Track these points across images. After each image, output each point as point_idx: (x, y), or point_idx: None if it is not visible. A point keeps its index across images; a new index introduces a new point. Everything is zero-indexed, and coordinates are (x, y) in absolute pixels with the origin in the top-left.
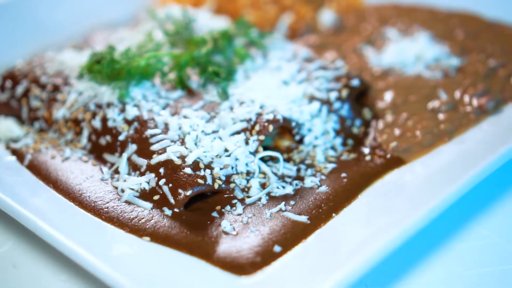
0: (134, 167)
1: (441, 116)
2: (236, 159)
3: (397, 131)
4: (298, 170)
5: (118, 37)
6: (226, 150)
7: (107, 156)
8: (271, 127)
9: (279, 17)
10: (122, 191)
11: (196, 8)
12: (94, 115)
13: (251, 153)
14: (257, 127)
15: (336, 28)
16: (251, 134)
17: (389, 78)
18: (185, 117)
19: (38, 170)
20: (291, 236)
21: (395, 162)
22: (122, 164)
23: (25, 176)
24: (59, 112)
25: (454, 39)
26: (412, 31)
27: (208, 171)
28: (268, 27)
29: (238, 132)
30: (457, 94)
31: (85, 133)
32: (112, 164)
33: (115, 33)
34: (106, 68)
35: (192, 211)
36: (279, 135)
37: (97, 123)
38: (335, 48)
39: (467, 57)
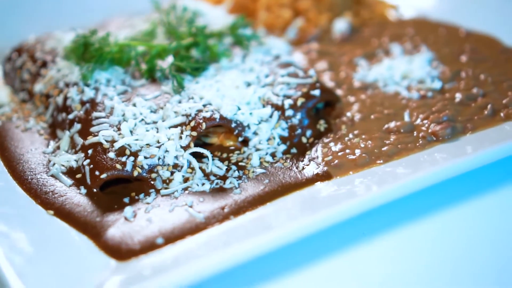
0: (73, 146)
1: (392, 137)
2: (166, 151)
3: (339, 146)
4: (228, 170)
5: (128, 24)
6: (158, 141)
7: (59, 132)
8: (204, 125)
9: (292, 21)
10: (54, 165)
11: (215, 6)
12: (60, 92)
13: (182, 147)
14: (192, 123)
15: (345, 38)
16: (186, 129)
17: (363, 94)
18: (134, 105)
19: None
20: (179, 231)
21: (322, 176)
22: (64, 141)
23: None
24: (38, 86)
25: (454, 63)
26: (417, 50)
27: (131, 158)
28: (278, 30)
29: (176, 126)
30: (420, 117)
31: (50, 108)
32: (59, 140)
33: (129, 20)
34: (78, 50)
35: (108, 193)
36: (226, 135)
37: (59, 100)
38: (331, 58)
39: (456, 83)
